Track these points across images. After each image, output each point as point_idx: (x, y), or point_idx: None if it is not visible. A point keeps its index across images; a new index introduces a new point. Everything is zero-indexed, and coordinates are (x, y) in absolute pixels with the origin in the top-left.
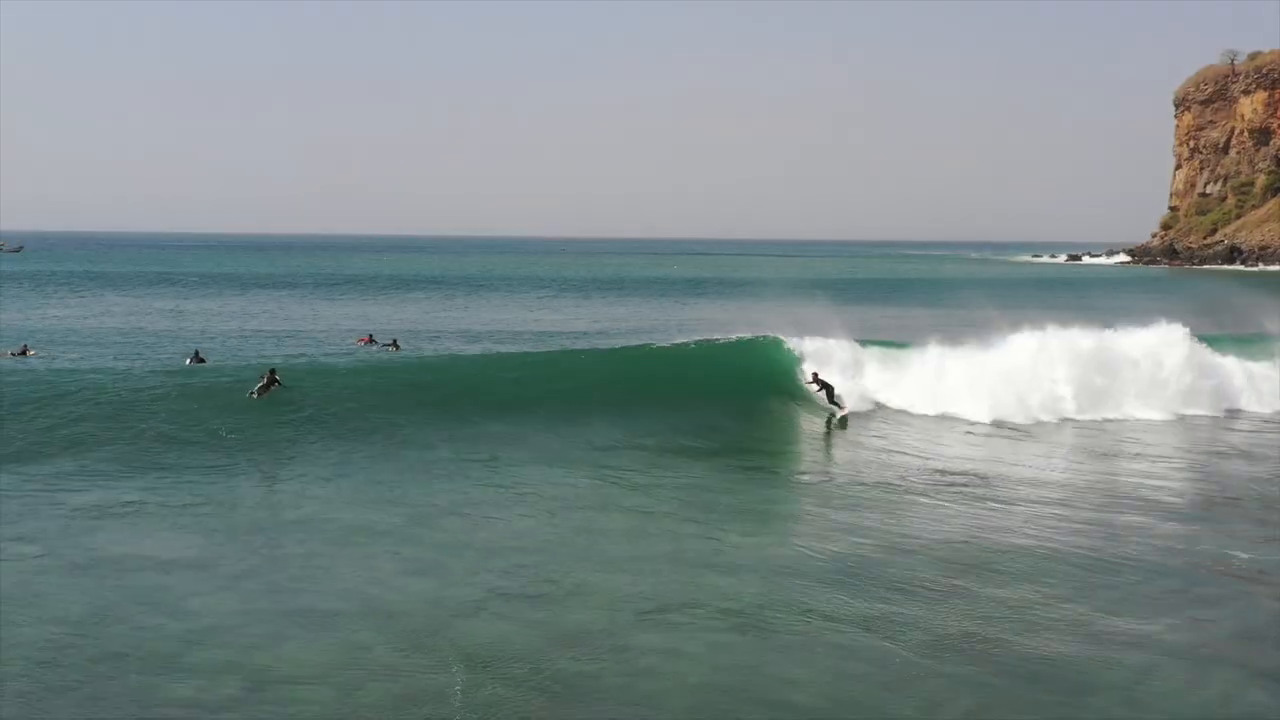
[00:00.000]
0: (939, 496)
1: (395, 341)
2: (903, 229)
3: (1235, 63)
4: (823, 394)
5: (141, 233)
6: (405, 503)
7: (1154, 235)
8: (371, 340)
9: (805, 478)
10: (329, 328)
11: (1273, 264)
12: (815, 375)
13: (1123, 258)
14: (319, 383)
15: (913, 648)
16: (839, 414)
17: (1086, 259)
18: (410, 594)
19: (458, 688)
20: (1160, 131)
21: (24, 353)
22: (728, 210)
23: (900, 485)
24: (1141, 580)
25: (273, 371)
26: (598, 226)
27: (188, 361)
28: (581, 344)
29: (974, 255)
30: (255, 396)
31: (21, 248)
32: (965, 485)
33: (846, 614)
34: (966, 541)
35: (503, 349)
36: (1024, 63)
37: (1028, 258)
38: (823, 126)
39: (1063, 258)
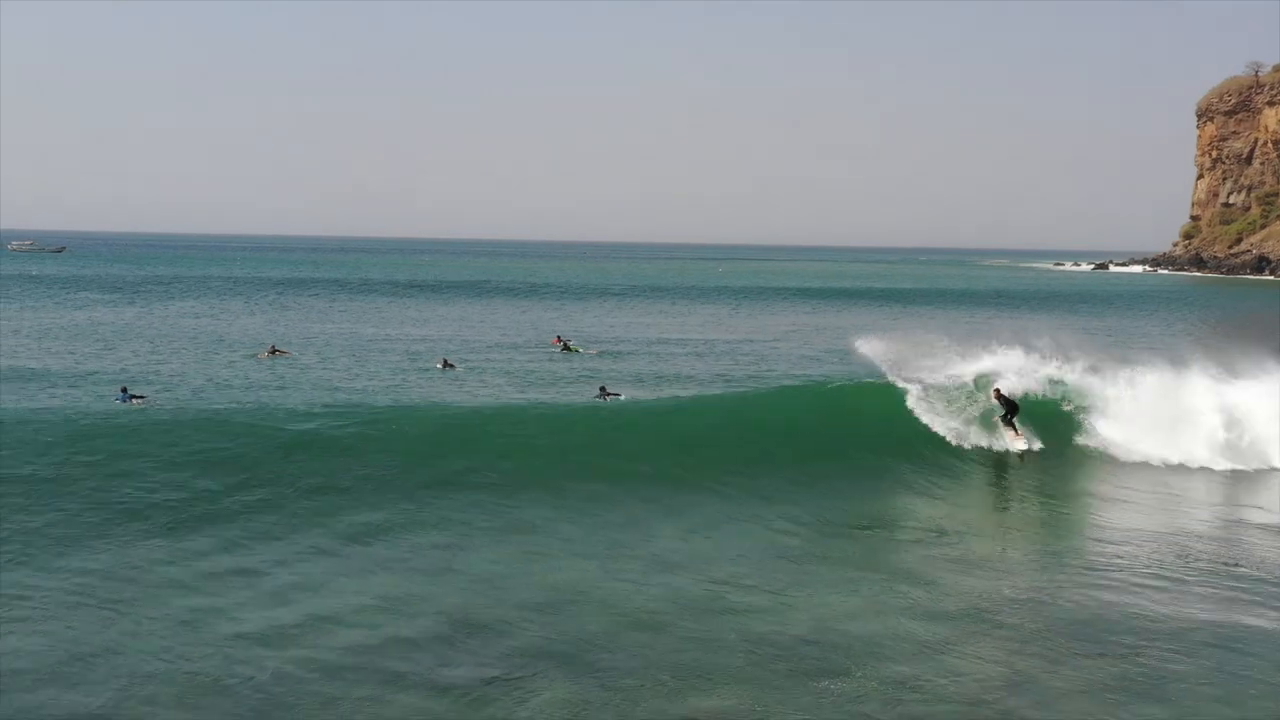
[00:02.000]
0: None
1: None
2: (920, 235)
3: (1259, 74)
4: (1001, 416)
5: (152, 234)
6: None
7: (1175, 244)
8: (563, 344)
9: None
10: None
11: None
12: (999, 391)
13: (1139, 267)
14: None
15: None
16: (1016, 445)
17: (1113, 268)
18: None
19: None
20: (1180, 142)
21: (273, 352)
22: (741, 215)
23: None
24: None
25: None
26: (599, 231)
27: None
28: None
29: (1003, 261)
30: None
31: (64, 249)
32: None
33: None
34: None
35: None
36: (1046, 72)
37: (1049, 265)
38: (843, 134)
39: (1086, 265)
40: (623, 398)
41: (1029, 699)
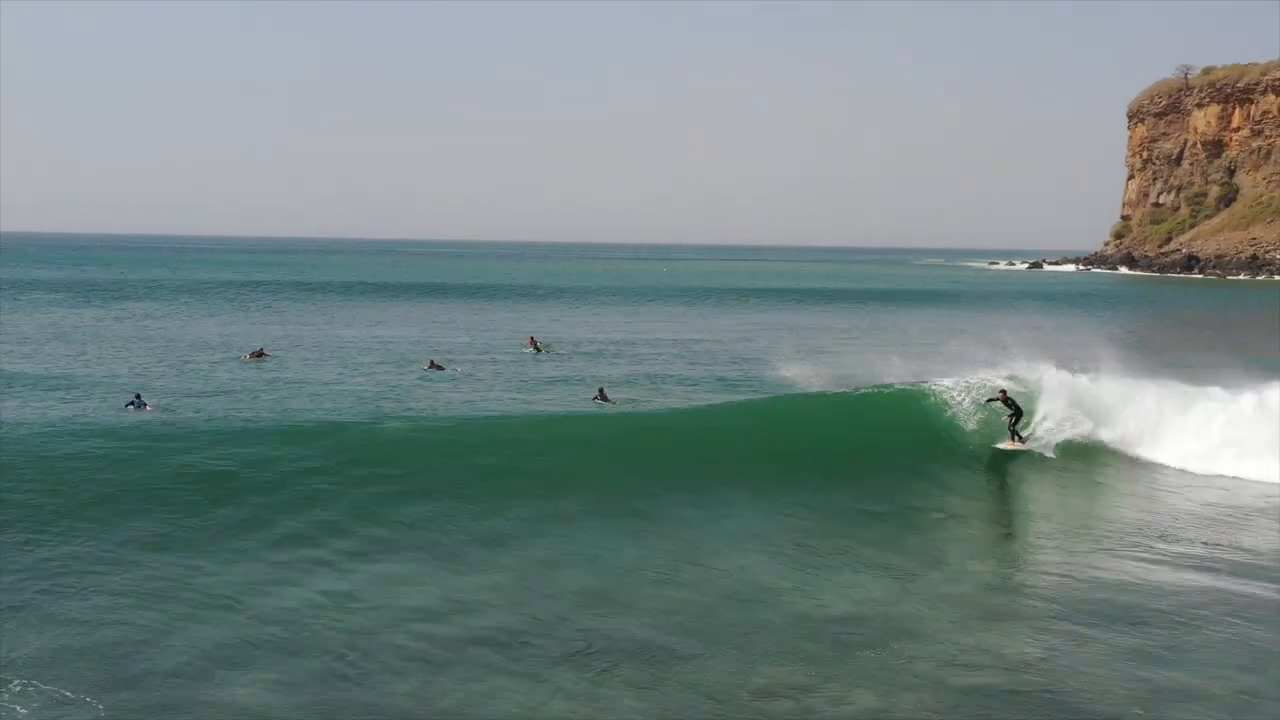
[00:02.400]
0: None
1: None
2: (859, 236)
3: (1189, 77)
4: (1006, 419)
5: (145, 235)
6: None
7: (1106, 243)
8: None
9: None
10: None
11: (1232, 273)
12: (1005, 393)
13: (1072, 266)
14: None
15: None
16: (1012, 445)
17: (1047, 267)
18: None
19: None
20: (1111, 143)
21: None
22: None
23: None
24: None
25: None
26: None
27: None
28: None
29: (935, 260)
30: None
31: None
32: None
33: None
34: None
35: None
36: (983, 73)
37: (984, 264)
38: (778, 131)
39: (1020, 264)
40: (616, 404)
41: (1063, 668)
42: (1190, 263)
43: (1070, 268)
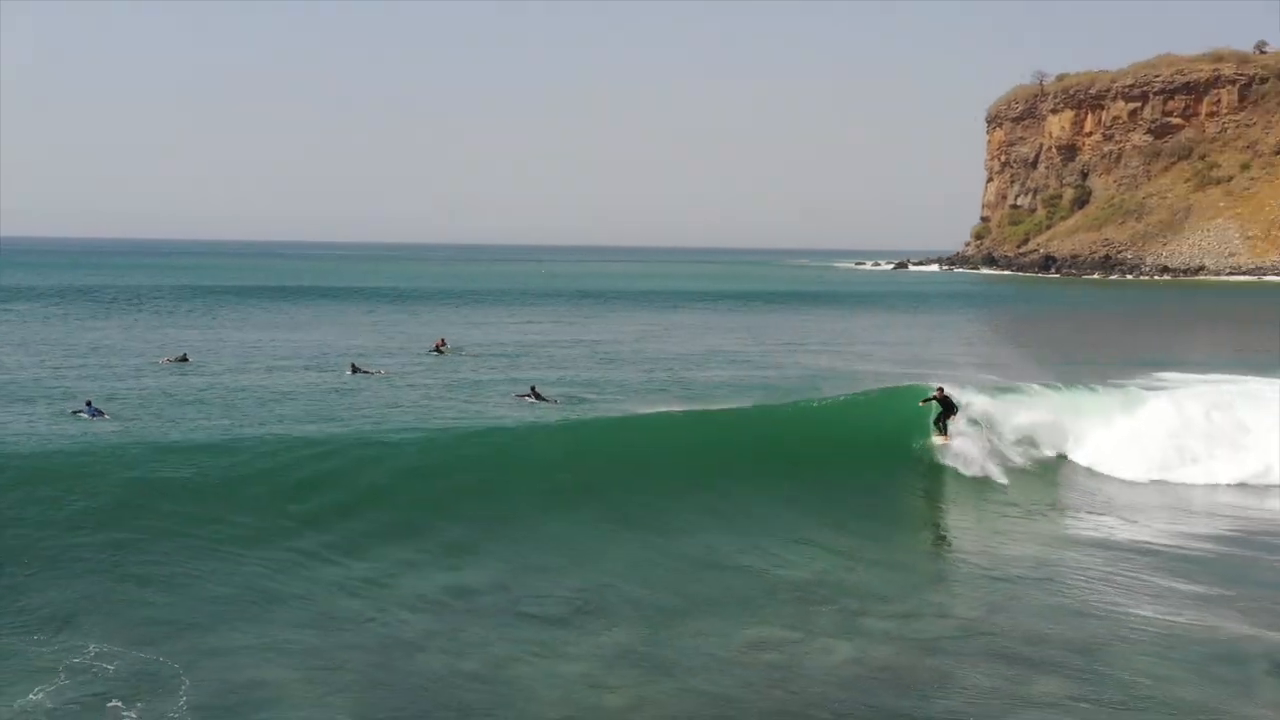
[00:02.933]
0: None
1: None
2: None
3: (1044, 83)
4: (938, 423)
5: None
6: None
7: (967, 244)
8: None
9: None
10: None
11: (1086, 272)
12: (942, 391)
13: (935, 266)
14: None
15: None
16: (939, 441)
17: (912, 267)
18: None
19: None
20: (974, 146)
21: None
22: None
23: None
24: None
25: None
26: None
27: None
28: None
29: (802, 261)
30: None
31: None
32: None
33: None
34: None
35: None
36: (845, 76)
37: (852, 264)
38: (636, 130)
39: (886, 264)
40: (554, 402)
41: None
42: (1047, 262)
43: (934, 268)
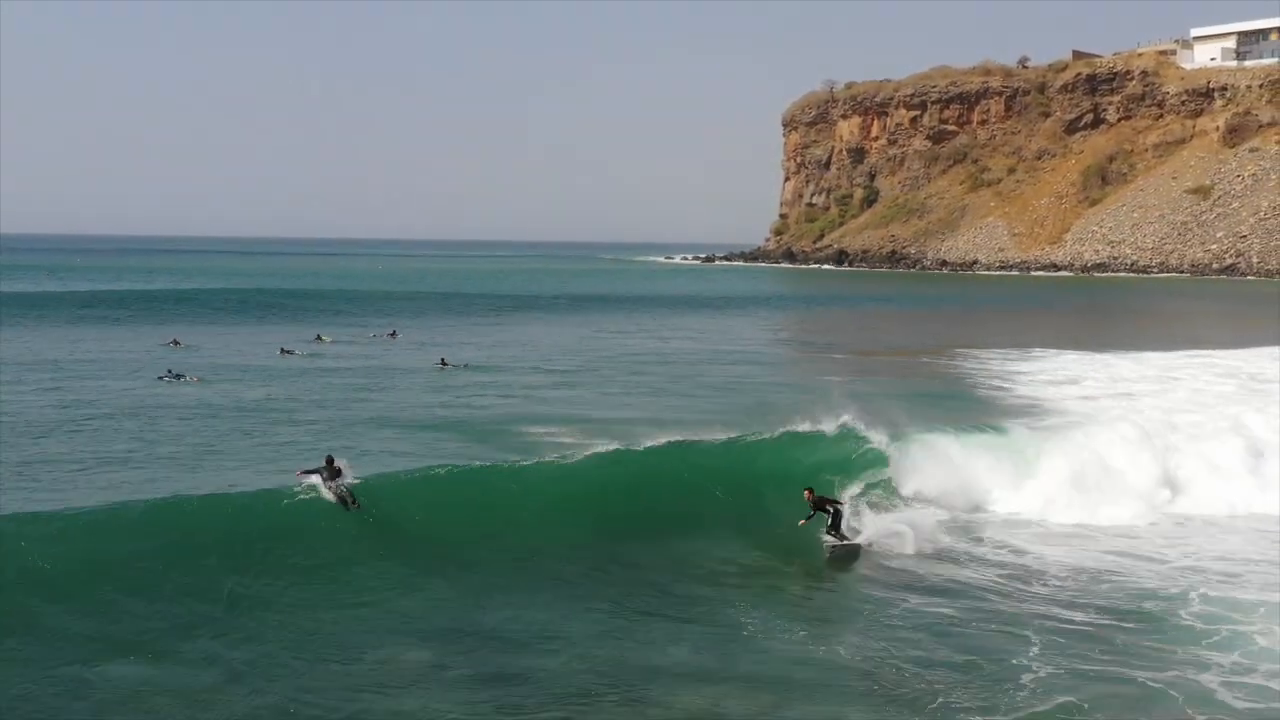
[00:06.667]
0: None
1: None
2: (532, 231)
3: (834, 90)
4: (825, 529)
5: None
6: None
7: (768, 240)
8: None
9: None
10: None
11: (875, 266)
12: (811, 492)
13: (739, 261)
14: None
15: None
16: (837, 543)
17: (717, 261)
18: None
19: None
20: (774, 147)
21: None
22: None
23: None
24: None
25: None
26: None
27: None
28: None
29: (609, 257)
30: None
31: None
32: None
33: None
34: None
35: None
36: (659, 77)
37: (661, 259)
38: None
39: (693, 259)
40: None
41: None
42: (841, 257)
43: (739, 263)
